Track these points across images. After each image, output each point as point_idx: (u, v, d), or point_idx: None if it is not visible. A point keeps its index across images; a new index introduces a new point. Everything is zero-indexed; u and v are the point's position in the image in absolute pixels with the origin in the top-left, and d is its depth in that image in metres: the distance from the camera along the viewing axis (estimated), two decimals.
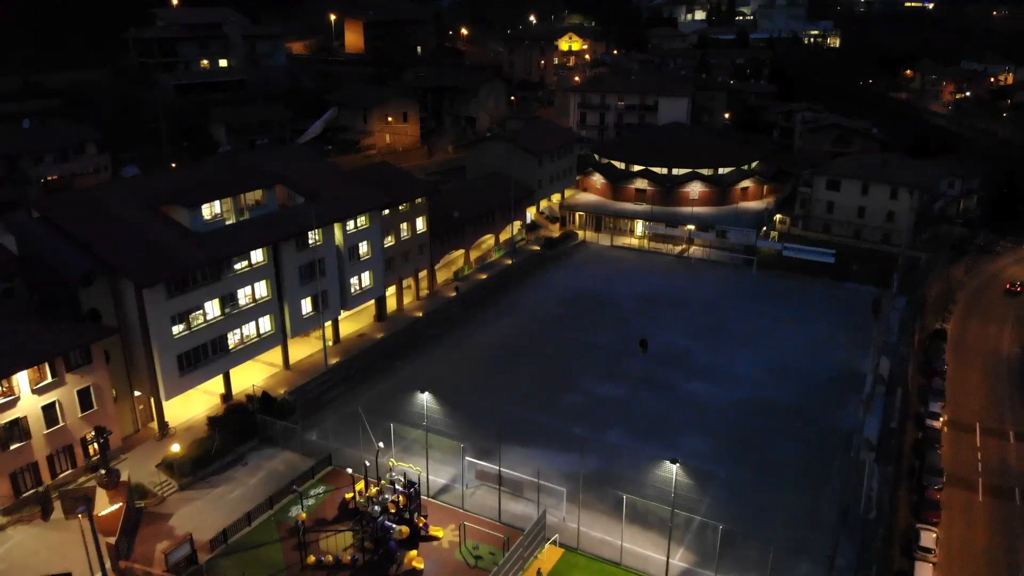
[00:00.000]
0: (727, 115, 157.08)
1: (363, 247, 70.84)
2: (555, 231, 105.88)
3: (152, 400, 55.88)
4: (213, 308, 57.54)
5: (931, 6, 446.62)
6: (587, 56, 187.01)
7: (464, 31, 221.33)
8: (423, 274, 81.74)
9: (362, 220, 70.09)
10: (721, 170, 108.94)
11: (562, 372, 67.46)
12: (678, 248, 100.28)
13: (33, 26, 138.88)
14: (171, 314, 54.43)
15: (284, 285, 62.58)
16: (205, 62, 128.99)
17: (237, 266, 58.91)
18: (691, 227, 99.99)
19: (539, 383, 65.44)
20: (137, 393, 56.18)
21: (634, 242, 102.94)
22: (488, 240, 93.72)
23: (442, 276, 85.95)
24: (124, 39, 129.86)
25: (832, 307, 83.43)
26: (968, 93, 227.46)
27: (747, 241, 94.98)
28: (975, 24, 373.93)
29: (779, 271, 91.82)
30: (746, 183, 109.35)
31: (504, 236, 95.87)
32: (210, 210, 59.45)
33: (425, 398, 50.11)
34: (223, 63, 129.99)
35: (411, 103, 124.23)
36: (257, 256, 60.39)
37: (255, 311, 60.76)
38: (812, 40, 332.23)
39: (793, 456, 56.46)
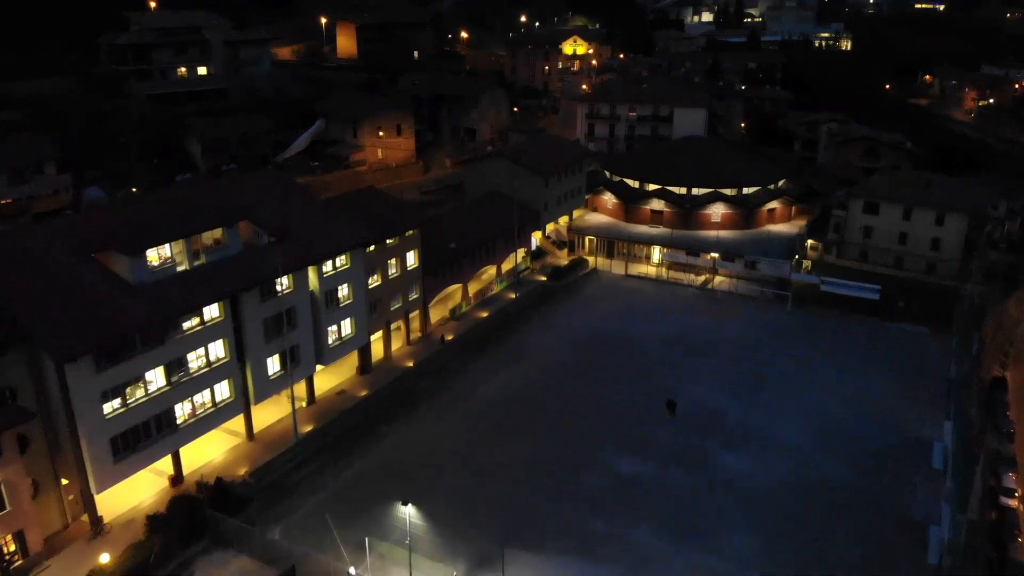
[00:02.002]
0: (742, 125, 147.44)
1: (343, 290, 60.95)
2: (563, 258, 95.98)
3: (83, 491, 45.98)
4: (156, 377, 47.60)
5: (942, 8, 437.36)
6: (594, 61, 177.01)
7: (464, 34, 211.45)
8: (415, 314, 71.82)
9: (342, 260, 60.21)
10: (745, 189, 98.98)
11: (576, 441, 57.46)
12: (700, 278, 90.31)
13: None
14: (101, 390, 44.48)
15: (246, 343, 52.66)
16: (183, 70, 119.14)
17: (187, 324, 49.00)
18: (715, 255, 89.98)
19: (549, 457, 55.45)
20: (65, 481, 46.27)
21: (651, 271, 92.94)
22: (489, 271, 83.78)
23: (437, 314, 76.07)
24: (97, 45, 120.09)
25: (879, 352, 73.43)
26: (991, 100, 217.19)
27: (780, 274, 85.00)
28: (988, 27, 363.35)
29: (816, 307, 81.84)
30: (773, 204, 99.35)
31: (507, 266, 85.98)
32: (158, 254, 49.55)
33: (408, 512, 40.06)
34: (202, 71, 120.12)
35: (405, 114, 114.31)
36: (213, 311, 50.48)
37: (209, 376, 50.81)
38: (824, 43, 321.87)
39: (859, 557, 46.49)
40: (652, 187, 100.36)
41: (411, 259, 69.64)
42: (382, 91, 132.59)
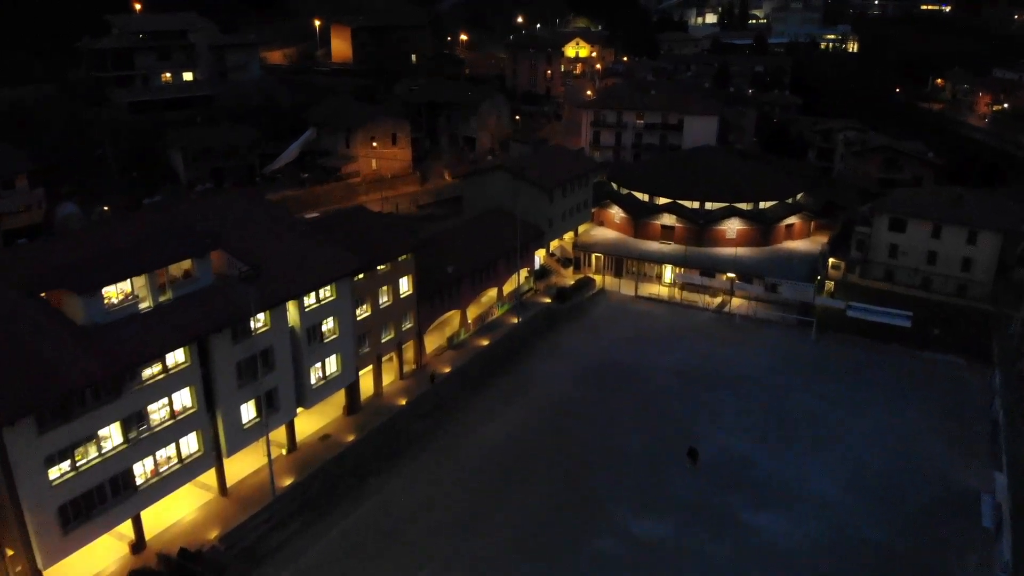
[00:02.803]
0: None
1: (328, 324, 55.18)
2: (568, 277, 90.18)
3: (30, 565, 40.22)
4: (112, 434, 41.81)
5: (948, 9, 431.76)
6: (597, 66, 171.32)
7: (464, 36, 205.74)
8: (409, 344, 66.06)
9: (326, 291, 54.45)
10: (762, 204, 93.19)
11: (585, 496, 51.68)
12: (716, 300, 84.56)
13: None
14: (46, 454, 38.73)
15: (216, 390, 46.87)
16: (167, 75, 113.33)
17: (148, 372, 43.24)
18: (732, 276, 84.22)
19: (555, 516, 49.66)
20: (11, 552, 40.51)
21: (663, 291, 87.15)
22: (490, 293, 78.00)
23: (433, 342, 70.25)
24: (77, 51, 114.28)
25: (912, 386, 67.66)
26: (1006, 105, 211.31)
27: (803, 298, 79.17)
28: (996, 28, 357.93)
29: (842, 334, 76.08)
30: (792, 219, 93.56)
31: (509, 287, 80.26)
32: (117, 291, 43.79)
33: None
34: (188, 76, 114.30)
35: (401, 122, 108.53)
36: (178, 356, 44.70)
37: (174, 430, 45.03)
38: (830, 45, 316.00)
39: None
40: (663, 201, 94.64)
41: (404, 286, 63.87)
42: (377, 97, 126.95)
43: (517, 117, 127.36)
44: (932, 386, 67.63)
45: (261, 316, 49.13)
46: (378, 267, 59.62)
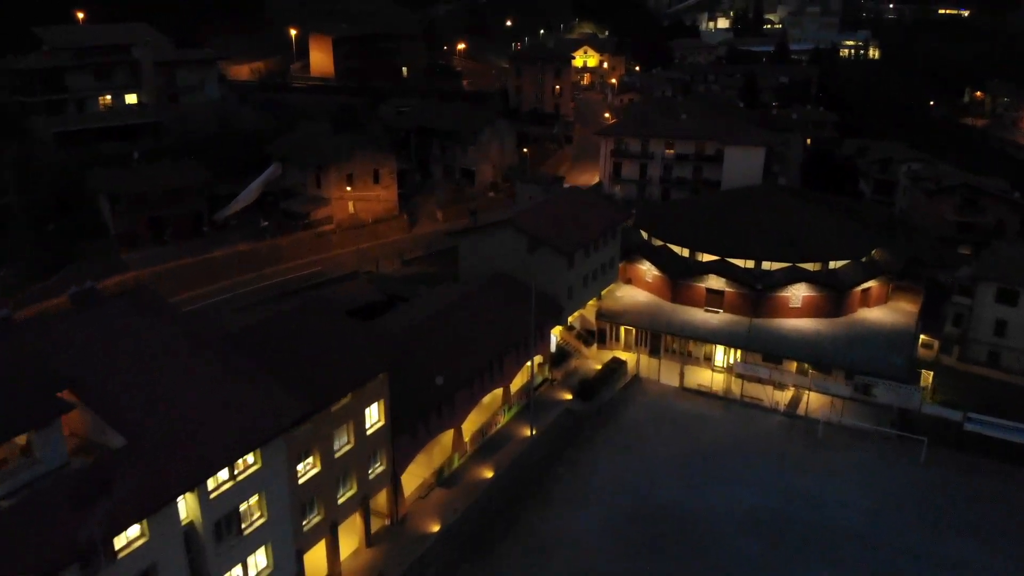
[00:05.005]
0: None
1: (250, 504, 36.53)
2: (591, 356, 71.61)
3: None
4: None
5: (967, 14, 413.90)
6: (613, 80, 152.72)
7: (462, 45, 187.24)
8: (382, 493, 47.36)
9: (249, 458, 35.83)
10: (832, 263, 74.53)
11: None
12: (786, 394, 65.87)
13: None
14: None
15: None
16: (107, 98, 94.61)
17: None
18: (808, 367, 65.60)
19: None
20: None
21: (716, 379, 68.43)
22: (494, 393, 59.29)
23: (416, 478, 51.38)
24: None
25: None
26: None
27: (906, 404, 60.27)
28: (1020, 34, 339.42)
29: (960, 455, 57.40)
30: (869, 284, 74.87)
31: (519, 380, 61.71)
32: None
33: None
34: (131, 99, 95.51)
35: (385, 156, 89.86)
36: None
37: None
38: (853, 53, 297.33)
39: None
40: (707, 257, 76.02)
41: (374, 416, 45.21)
42: (360, 120, 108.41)
43: (525, 150, 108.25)
44: None
45: (136, 527, 30.58)
46: (332, 406, 40.93)
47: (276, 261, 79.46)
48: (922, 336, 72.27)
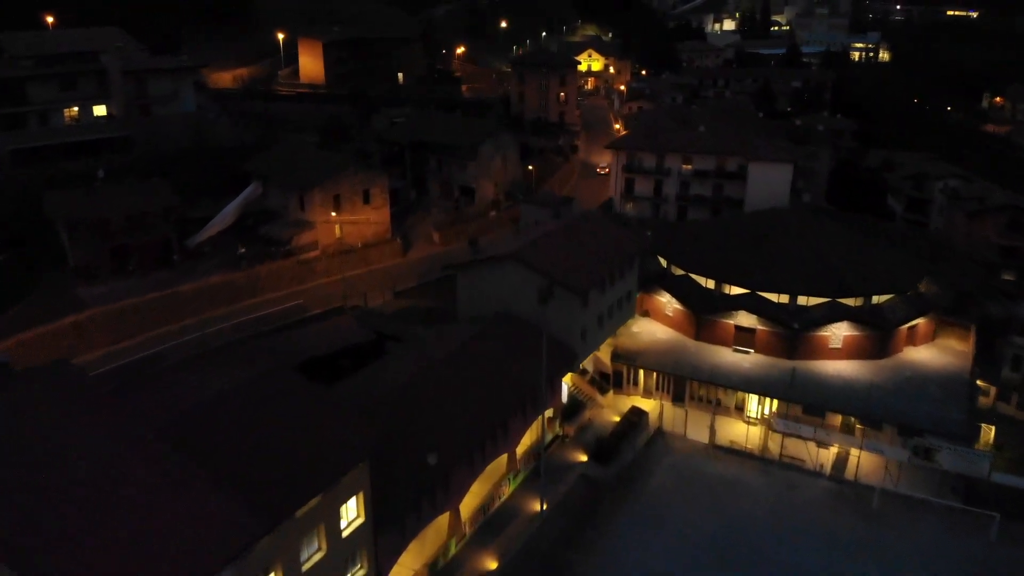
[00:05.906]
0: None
1: None
2: (607, 404, 63.52)
3: None
4: None
5: (975, 15, 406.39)
6: (622, 87, 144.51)
7: (460, 49, 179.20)
8: None
9: None
10: (875, 297, 66.33)
11: None
12: (830, 452, 57.70)
13: None
14: None
15: None
16: (73, 111, 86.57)
17: None
18: (855, 422, 57.41)
19: None
20: None
21: (752, 433, 60.23)
22: (498, 460, 51.10)
23: (404, 573, 43.22)
24: None
25: None
26: None
27: (972, 472, 51.96)
28: None
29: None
30: (917, 321, 66.68)
31: (527, 440, 53.60)
32: None
33: None
34: (99, 111, 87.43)
35: (376, 175, 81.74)
36: None
37: None
38: (863, 55, 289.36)
39: None
40: (735, 290, 67.86)
41: (351, 513, 37.06)
42: (351, 133, 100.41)
43: (530, 168, 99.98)
44: None
45: None
46: (297, 512, 32.76)
47: (252, 294, 71.33)
48: (978, 381, 64.09)
